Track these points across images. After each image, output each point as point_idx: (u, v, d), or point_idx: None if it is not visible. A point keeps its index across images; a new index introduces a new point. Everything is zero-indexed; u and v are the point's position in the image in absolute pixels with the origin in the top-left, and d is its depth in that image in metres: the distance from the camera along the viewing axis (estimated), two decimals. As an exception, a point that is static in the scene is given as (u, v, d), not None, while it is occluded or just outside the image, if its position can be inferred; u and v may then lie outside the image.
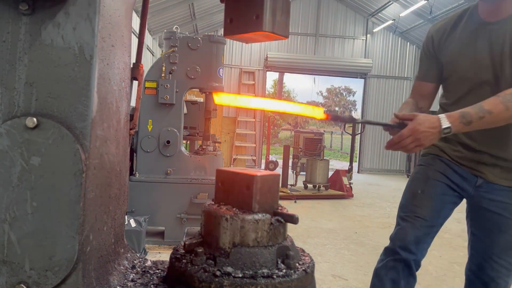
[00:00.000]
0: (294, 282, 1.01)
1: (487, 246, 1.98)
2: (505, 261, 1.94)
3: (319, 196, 9.09)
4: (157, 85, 4.54)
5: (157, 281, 1.12)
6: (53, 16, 0.88)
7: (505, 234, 1.93)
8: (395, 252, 2.05)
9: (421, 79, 2.14)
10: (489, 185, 1.98)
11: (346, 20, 16.37)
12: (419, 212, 2.04)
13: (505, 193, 1.94)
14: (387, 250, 2.12)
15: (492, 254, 1.96)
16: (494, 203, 1.95)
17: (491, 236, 1.97)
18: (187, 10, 14.27)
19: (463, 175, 2.03)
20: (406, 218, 2.07)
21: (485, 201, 1.99)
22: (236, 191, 1.11)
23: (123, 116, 1.17)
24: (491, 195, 1.97)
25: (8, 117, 0.87)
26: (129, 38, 1.20)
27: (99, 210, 1.00)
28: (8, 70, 0.88)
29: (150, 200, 4.55)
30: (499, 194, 1.95)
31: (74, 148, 0.87)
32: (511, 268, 1.95)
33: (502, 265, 1.94)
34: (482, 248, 2.01)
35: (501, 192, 1.95)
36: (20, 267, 0.88)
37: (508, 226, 1.93)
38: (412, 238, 2.03)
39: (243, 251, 1.02)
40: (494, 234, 1.96)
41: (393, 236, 2.11)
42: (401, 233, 2.07)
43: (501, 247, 1.94)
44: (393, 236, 2.11)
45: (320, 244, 5.34)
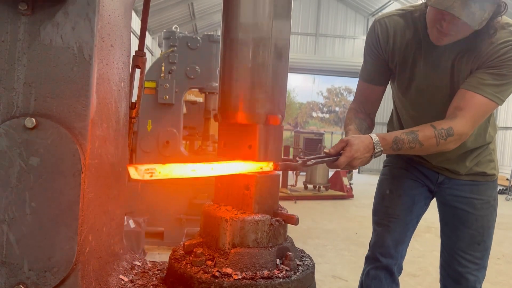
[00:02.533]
0: (294, 283, 1.00)
1: (453, 242, 1.99)
2: (471, 256, 1.92)
3: (319, 197, 9.09)
4: (156, 85, 4.53)
5: (156, 282, 1.12)
6: (52, 16, 0.88)
7: (469, 229, 1.91)
8: (376, 259, 2.05)
9: (368, 81, 1.95)
10: (451, 181, 1.96)
11: (346, 19, 16.38)
12: (391, 212, 2.03)
13: (467, 188, 1.93)
14: (367, 258, 2.12)
15: (457, 249, 1.95)
16: (457, 198, 1.95)
17: (456, 232, 1.98)
18: (186, 10, 14.28)
19: (424, 173, 2.03)
20: (380, 221, 2.08)
21: (448, 197, 1.97)
22: (235, 191, 1.10)
23: (122, 116, 1.16)
24: (454, 191, 1.96)
25: (7, 118, 0.87)
26: (128, 38, 1.19)
27: (98, 210, 0.99)
28: (7, 70, 0.88)
29: (150, 201, 4.55)
30: (461, 190, 1.94)
31: (73, 148, 0.87)
32: (478, 262, 1.93)
33: (469, 260, 1.93)
34: (449, 244, 2.02)
35: (463, 187, 1.94)
36: (19, 268, 0.87)
37: (472, 221, 1.91)
38: (391, 242, 2.01)
39: (242, 252, 1.02)
40: (459, 230, 1.96)
41: (372, 243, 2.12)
42: (379, 239, 2.06)
43: (466, 242, 1.93)
44: (371, 243, 2.12)
45: (320, 245, 5.34)
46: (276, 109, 1.11)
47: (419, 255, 4.93)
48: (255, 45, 1.07)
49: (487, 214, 1.93)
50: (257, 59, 1.08)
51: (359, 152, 1.55)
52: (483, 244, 1.93)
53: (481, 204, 1.92)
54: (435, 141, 1.65)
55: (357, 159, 1.56)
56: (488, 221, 1.93)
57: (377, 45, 1.85)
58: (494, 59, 1.62)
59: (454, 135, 1.64)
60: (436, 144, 1.65)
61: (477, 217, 1.91)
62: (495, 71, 1.62)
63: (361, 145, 1.57)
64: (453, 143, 1.67)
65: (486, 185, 1.94)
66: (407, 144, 1.64)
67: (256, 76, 1.08)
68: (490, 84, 1.62)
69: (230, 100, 1.10)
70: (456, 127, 1.64)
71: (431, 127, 1.66)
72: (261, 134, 1.08)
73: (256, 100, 1.08)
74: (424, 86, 1.80)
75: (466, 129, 1.66)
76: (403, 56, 1.82)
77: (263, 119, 1.09)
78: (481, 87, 1.63)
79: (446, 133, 1.64)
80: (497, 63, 1.61)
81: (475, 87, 1.63)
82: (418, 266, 4.53)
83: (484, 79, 1.63)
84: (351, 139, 1.57)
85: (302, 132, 11.53)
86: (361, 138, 1.60)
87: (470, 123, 1.66)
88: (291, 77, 17.73)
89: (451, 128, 1.64)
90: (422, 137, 1.65)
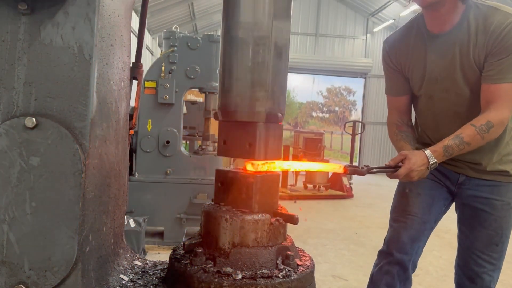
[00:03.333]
0: (294, 283, 1.01)
1: (471, 242, 2.00)
2: (488, 256, 1.95)
3: (319, 197, 9.07)
4: (156, 85, 4.53)
5: (156, 282, 1.12)
6: (53, 16, 0.88)
7: (487, 230, 1.93)
8: (390, 254, 2.05)
9: (394, 94, 2.12)
10: (471, 181, 1.97)
11: (346, 19, 16.37)
12: (410, 210, 2.05)
13: (487, 189, 1.94)
14: (381, 253, 2.13)
15: (475, 249, 1.97)
16: (477, 199, 1.96)
17: (474, 232, 1.99)
18: (186, 10, 14.27)
19: (445, 173, 2.05)
20: (398, 218, 2.09)
21: (468, 198, 1.98)
22: (235, 191, 1.11)
23: (123, 116, 1.17)
24: (474, 192, 1.97)
25: (7, 117, 0.87)
26: (128, 38, 1.20)
27: (98, 210, 0.99)
28: (7, 70, 0.88)
29: (150, 200, 4.55)
30: (481, 190, 1.95)
31: (73, 148, 0.87)
32: (495, 262, 1.96)
33: (486, 260, 1.95)
34: (466, 244, 2.03)
35: (483, 188, 1.95)
36: (19, 268, 0.87)
37: (490, 221, 1.92)
38: (406, 238, 2.03)
39: (242, 252, 1.02)
40: (477, 230, 1.95)
41: (387, 238, 2.12)
42: (395, 234, 2.07)
43: (484, 243, 1.95)
44: (387, 238, 2.12)
45: (320, 245, 5.34)
46: (276, 107, 1.11)
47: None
48: (255, 44, 1.07)
49: (506, 215, 1.94)
50: (257, 58, 1.08)
51: (416, 165, 1.72)
52: (501, 245, 1.95)
53: (502, 206, 1.93)
54: (479, 137, 1.77)
55: (415, 171, 1.73)
56: (507, 222, 1.95)
57: (388, 60, 2.08)
58: (499, 46, 1.72)
59: (494, 126, 1.76)
60: (481, 139, 1.78)
61: (496, 218, 1.93)
62: (505, 55, 1.72)
63: (418, 159, 1.73)
64: (498, 131, 1.80)
65: (507, 187, 1.95)
66: (457, 148, 1.78)
67: (256, 75, 1.08)
68: (507, 69, 1.73)
69: (230, 99, 1.10)
70: (493, 118, 1.76)
71: (472, 126, 1.78)
72: (261, 132, 1.08)
73: (256, 98, 1.08)
74: (437, 74, 1.91)
75: (504, 115, 1.78)
76: (414, 54, 1.96)
77: (263, 118, 1.09)
78: (501, 75, 1.74)
79: (486, 127, 1.76)
80: (504, 47, 1.72)
81: (495, 78, 1.76)
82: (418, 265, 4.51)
83: (500, 67, 1.74)
84: (409, 154, 1.76)
85: (302, 131, 11.52)
86: (416, 153, 1.77)
87: (505, 109, 1.78)
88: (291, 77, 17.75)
89: (489, 122, 1.76)
90: (467, 138, 1.77)
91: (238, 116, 1.10)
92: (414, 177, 1.76)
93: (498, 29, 1.69)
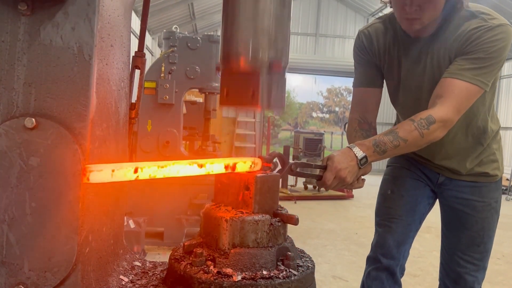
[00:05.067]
0: (294, 284, 1.00)
1: (453, 243, 1.99)
2: (470, 257, 1.93)
3: (319, 197, 9.08)
4: (156, 85, 4.54)
5: (156, 282, 1.12)
6: (52, 16, 0.88)
7: (469, 231, 1.91)
8: (377, 260, 2.04)
9: (364, 85, 1.93)
10: (452, 182, 1.95)
11: (346, 20, 16.39)
12: (393, 212, 2.02)
13: (468, 189, 1.92)
14: (369, 259, 2.11)
15: (457, 250, 1.95)
16: (458, 200, 1.94)
17: (455, 233, 1.98)
18: (186, 10, 14.28)
19: (425, 173, 2.02)
20: (382, 222, 2.06)
21: (449, 198, 1.97)
22: (235, 192, 1.10)
23: (122, 116, 1.16)
24: (455, 193, 1.95)
25: (7, 118, 0.87)
26: (128, 38, 1.19)
27: (98, 211, 0.99)
28: (7, 70, 0.88)
29: (150, 201, 4.55)
30: (462, 191, 1.93)
31: (73, 148, 0.87)
32: (477, 263, 1.93)
33: (468, 261, 1.93)
34: (449, 245, 2.02)
35: (464, 189, 1.93)
36: (19, 268, 0.87)
37: (472, 223, 1.91)
38: (392, 242, 2.00)
39: (242, 252, 1.02)
40: (459, 231, 1.94)
41: (374, 243, 2.10)
42: (381, 240, 2.04)
43: (466, 244, 1.94)
44: (373, 244, 2.11)
45: (320, 245, 5.34)
46: (279, 55, 1.08)
47: (419, 255, 4.93)
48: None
49: (487, 216, 1.91)
50: (259, 5, 1.05)
51: (341, 164, 1.50)
52: (483, 246, 1.93)
53: (482, 206, 1.91)
54: (417, 133, 1.60)
55: (343, 169, 1.49)
56: (489, 223, 1.92)
57: (363, 51, 1.90)
58: (468, 45, 1.63)
59: (436, 122, 1.59)
60: (420, 136, 1.60)
61: (478, 219, 1.91)
62: (472, 55, 1.62)
63: (341, 156, 1.52)
64: (439, 131, 1.62)
65: (488, 187, 1.93)
66: (390, 144, 1.59)
67: (259, 22, 1.05)
68: (468, 68, 1.62)
69: (232, 47, 1.07)
70: (436, 114, 1.60)
71: (410, 121, 1.63)
72: (264, 81, 1.06)
73: (259, 46, 1.06)
74: (410, 81, 1.82)
75: (449, 115, 1.62)
76: (388, 57, 1.86)
77: (266, 65, 1.06)
78: (459, 72, 1.63)
79: (426, 122, 1.60)
80: (472, 48, 1.62)
81: (453, 73, 1.64)
82: (418, 266, 4.53)
83: (462, 64, 1.63)
84: (331, 154, 1.55)
85: (302, 132, 11.51)
86: (340, 150, 1.58)
87: (452, 108, 1.62)
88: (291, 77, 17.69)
89: (430, 116, 1.60)
90: (403, 133, 1.60)
91: (241, 64, 1.07)
92: (347, 177, 1.51)
93: (471, 32, 1.63)
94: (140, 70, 1.35)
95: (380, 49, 1.87)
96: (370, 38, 1.89)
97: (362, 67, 1.94)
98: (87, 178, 0.87)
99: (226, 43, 1.10)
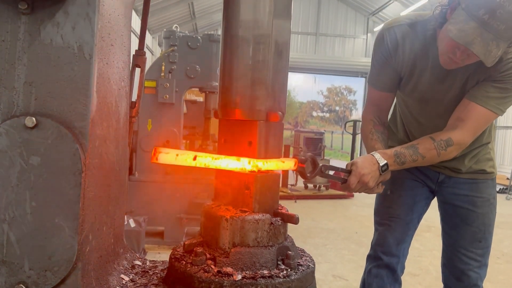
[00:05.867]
0: (294, 283, 1.00)
1: (455, 240, 2.01)
2: (472, 253, 1.95)
3: (320, 196, 9.07)
4: (156, 84, 4.53)
5: (156, 281, 1.12)
6: (53, 16, 0.88)
7: (470, 227, 1.94)
8: (377, 257, 2.07)
9: (379, 89, 1.94)
10: (451, 180, 1.99)
11: (346, 19, 16.39)
12: (392, 212, 2.05)
13: (466, 186, 1.95)
14: (369, 257, 2.15)
15: (459, 247, 1.97)
16: (458, 197, 1.97)
17: (457, 230, 2.00)
18: (186, 9, 14.29)
19: (424, 172, 2.05)
20: (381, 221, 2.10)
21: (449, 196, 2.00)
22: (236, 191, 1.10)
23: (123, 115, 1.17)
24: (455, 190, 1.98)
25: (7, 117, 0.87)
26: (128, 37, 1.19)
27: (98, 210, 0.99)
28: (7, 70, 0.88)
29: (150, 200, 4.55)
30: (461, 188, 1.97)
31: (74, 147, 0.87)
32: (479, 259, 1.96)
33: (470, 257, 1.95)
34: (450, 242, 2.04)
35: (463, 186, 1.96)
36: (19, 267, 0.87)
37: (473, 219, 1.93)
38: (392, 240, 2.04)
39: (243, 251, 1.02)
40: (460, 228, 1.97)
41: (374, 242, 2.14)
42: (380, 238, 2.09)
43: (467, 240, 1.96)
44: (373, 242, 2.14)
45: (320, 244, 5.33)
46: (277, 106, 1.11)
47: (419, 254, 4.92)
48: (255, 42, 1.07)
49: (487, 211, 1.95)
50: (257, 56, 1.08)
51: (365, 169, 1.61)
52: (485, 241, 1.96)
53: (482, 202, 1.95)
54: (435, 152, 1.71)
55: (366, 174, 1.61)
56: (489, 219, 1.96)
57: (387, 54, 1.85)
58: (500, 74, 1.65)
59: (453, 145, 1.70)
60: (437, 155, 1.72)
61: (478, 214, 1.94)
62: (501, 85, 1.67)
63: (365, 161, 1.64)
64: (454, 152, 1.73)
65: (485, 183, 1.97)
66: (409, 158, 1.71)
67: (257, 73, 1.08)
68: (494, 97, 1.68)
69: (231, 97, 1.10)
70: (456, 137, 1.70)
71: (430, 139, 1.73)
72: (261, 131, 1.08)
73: (257, 97, 1.08)
74: (429, 96, 1.84)
75: (466, 139, 1.72)
76: (411, 65, 1.82)
77: (263, 116, 1.08)
78: (485, 99, 1.68)
79: (445, 144, 1.70)
80: (503, 77, 1.66)
81: (479, 99, 1.68)
82: (418, 265, 4.53)
83: (489, 91, 1.67)
84: (356, 160, 1.66)
85: (302, 131, 11.51)
86: (363, 156, 1.68)
87: (470, 133, 1.72)
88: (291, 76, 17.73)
89: (450, 139, 1.70)
90: (423, 150, 1.71)
91: (238, 114, 1.10)
92: (369, 182, 1.62)
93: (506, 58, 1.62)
94: (140, 69, 1.35)
95: (405, 57, 1.81)
96: (395, 43, 1.82)
97: (381, 70, 1.91)
98: (156, 158, 0.98)
99: (224, 92, 1.12)
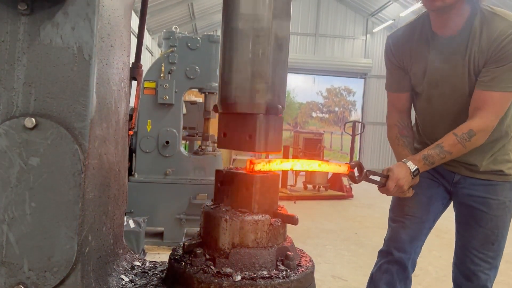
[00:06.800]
0: (293, 283, 1.00)
1: (467, 241, 2.02)
2: (484, 255, 1.96)
3: (319, 197, 9.07)
4: (156, 85, 4.53)
5: (156, 282, 1.12)
6: (52, 16, 0.88)
7: (483, 228, 1.94)
8: (389, 253, 2.08)
9: (394, 91, 2.09)
10: (466, 180, 1.99)
11: (346, 20, 16.38)
12: (408, 210, 2.06)
13: (482, 188, 1.95)
14: (381, 252, 2.15)
15: (471, 248, 1.98)
16: (473, 198, 1.97)
17: (470, 231, 2.01)
18: (186, 10, 14.28)
19: (441, 172, 2.06)
20: (397, 218, 2.11)
21: (464, 197, 2.00)
22: (235, 191, 1.10)
23: (122, 116, 1.17)
24: (469, 191, 1.98)
25: (6, 118, 0.87)
26: (128, 38, 1.20)
27: (98, 210, 0.99)
28: (6, 70, 0.88)
29: (149, 201, 4.54)
30: (477, 189, 1.97)
31: (73, 148, 0.87)
32: (491, 261, 1.97)
33: (481, 259, 1.96)
34: (463, 243, 2.05)
35: (478, 187, 1.96)
36: (18, 268, 0.87)
37: (486, 220, 1.94)
38: (405, 237, 2.04)
39: (242, 252, 1.02)
40: (473, 229, 1.98)
41: (387, 238, 2.15)
42: (394, 234, 2.10)
43: (480, 241, 1.97)
44: (387, 238, 2.15)
45: (320, 245, 5.34)
46: (276, 99, 1.10)
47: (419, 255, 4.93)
48: (255, 35, 1.06)
49: (502, 214, 1.95)
50: (257, 49, 1.07)
51: (401, 174, 1.79)
52: (497, 244, 1.97)
53: (497, 205, 1.94)
54: (460, 146, 1.80)
55: (402, 179, 1.79)
56: (504, 222, 1.96)
57: (392, 56, 2.02)
58: (499, 54, 1.70)
59: (476, 134, 1.77)
60: (464, 148, 1.80)
61: (492, 217, 1.94)
62: (504, 63, 1.70)
63: (400, 169, 1.81)
64: (480, 139, 1.80)
65: (502, 186, 1.96)
66: (437, 157, 1.82)
67: (256, 66, 1.07)
68: (502, 78, 1.72)
69: (230, 90, 1.09)
70: (476, 126, 1.77)
71: (453, 135, 1.81)
72: (261, 124, 1.07)
73: (256, 90, 1.08)
74: (438, 77, 1.90)
75: (488, 123, 1.78)
76: (416, 53, 1.93)
77: (263, 109, 1.08)
78: (495, 83, 1.73)
79: (467, 136, 1.79)
80: (503, 56, 1.70)
81: (489, 85, 1.74)
82: (418, 265, 4.48)
83: (496, 75, 1.72)
84: (391, 166, 1.83)
85: (302, 132, 11.51)
86: (397, 164, 1.85)
87: (490, 118, 1.78)
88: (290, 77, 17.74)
89: (471, 130, 1.78)
90: (448, 147, 1.81)
91: (238, 108, 1.09)
92: (404, 185, 1.81)
93: (501, 37, 1.68)
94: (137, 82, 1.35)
95: (406, 49, 1.95)
96: (397, 41, 2.00)
97: (391, 72, 2.07)
98: None
99: (223, 86, 1.11)
